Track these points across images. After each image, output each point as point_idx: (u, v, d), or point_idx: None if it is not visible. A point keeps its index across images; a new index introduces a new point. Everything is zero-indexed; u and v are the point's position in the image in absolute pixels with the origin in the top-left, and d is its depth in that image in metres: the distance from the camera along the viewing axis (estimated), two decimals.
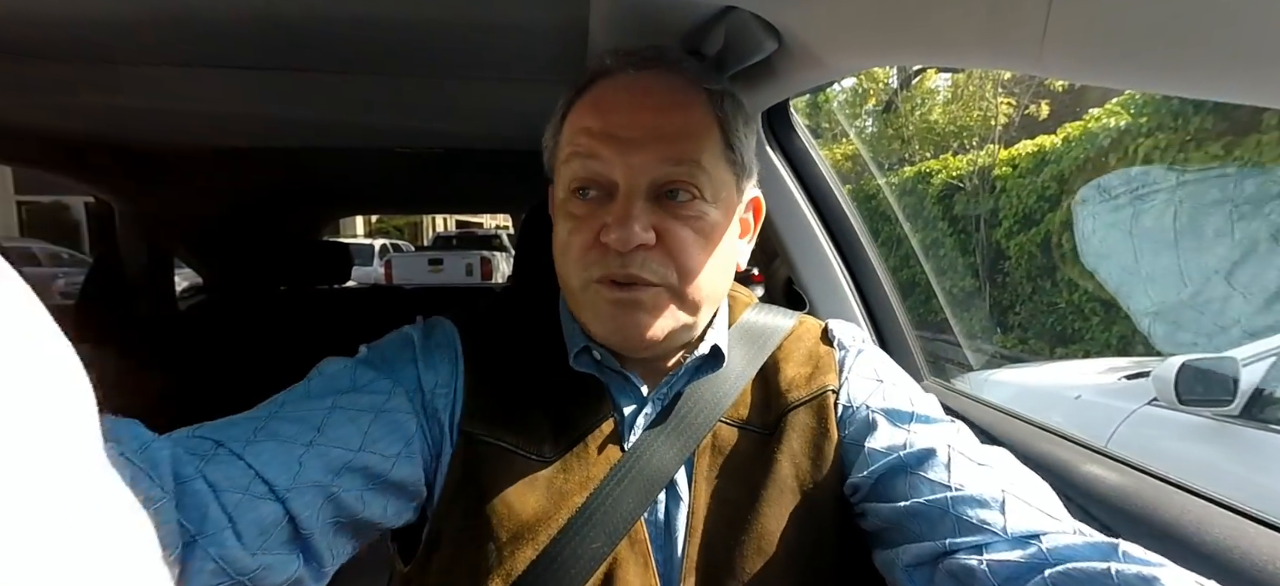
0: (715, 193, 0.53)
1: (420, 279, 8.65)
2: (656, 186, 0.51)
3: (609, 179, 0.51)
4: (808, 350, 0.61)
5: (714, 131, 0.53)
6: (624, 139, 0.51)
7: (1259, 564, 0.48)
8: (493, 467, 0.53)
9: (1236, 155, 4.15)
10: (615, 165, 0.51)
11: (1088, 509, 0.60)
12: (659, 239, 0.51)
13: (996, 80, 7.75)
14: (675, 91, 0.53)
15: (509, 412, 0.55)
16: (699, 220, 0.52)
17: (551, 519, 0.52)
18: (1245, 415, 2.07)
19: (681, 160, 0.51)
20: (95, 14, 0.75)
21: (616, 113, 0.52)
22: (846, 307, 1.04)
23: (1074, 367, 3.34)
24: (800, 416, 0.57)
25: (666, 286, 0.52)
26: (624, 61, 0.54)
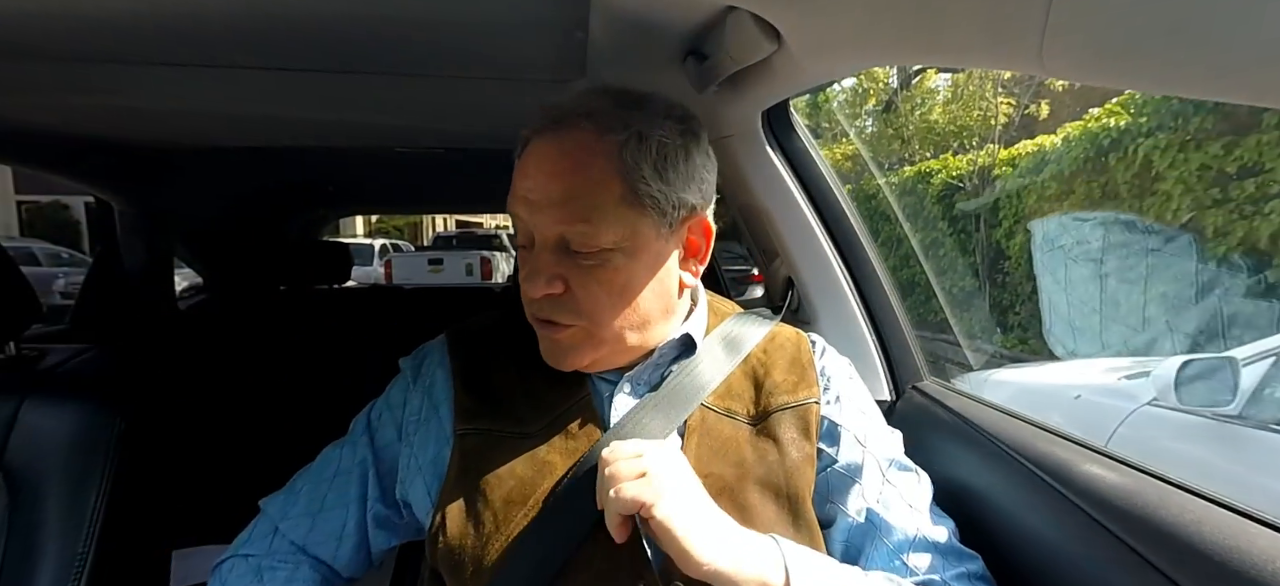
0: (619, 240, 0.58)
1: (420, 279, 8.65)
2: (560, 241, 0.59)
3: (528, 234, 0.61)
4: (792, 358, 0.69)
5: (613, 183, 0.57)
6: (531, 201, 0.59)
7: (1259, 564, 0.48)
8: (483, 451, 0.62)
9: (1236, 155, 4.15)
10: (528, 223, 0.60)
11: (1088, 509, 0.60)
12: (567, 287, 0.59)
13: (996, 80, 7.75)
14: (576, 152, 0.58)
15: (495, 403, 0.65)
16: (602, 268, 0.59)
17: (538, 484, 0.60)
18: (1245, 415, 2.07)
19: (572, 220, 0.57)
20: (95, 14, 0.75)
21: (526, 178, 0.59)
22: (846, 307, 1.04)
23: (1074, 368, 3.34)
24: (787, 418, 0.65)
25: (580, 327, 0.61)
26: (543, 123, 0.60)
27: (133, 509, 0.97)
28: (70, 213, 12.42)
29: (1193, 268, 4.38)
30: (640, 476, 0.53)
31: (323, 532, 0.67)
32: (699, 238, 0.65)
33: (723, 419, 0.64)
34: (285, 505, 0.68)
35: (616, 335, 0.62)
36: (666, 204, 0.59)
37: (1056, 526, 0.63)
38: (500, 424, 0.64)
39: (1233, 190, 4.19)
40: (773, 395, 0.66)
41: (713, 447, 0.63)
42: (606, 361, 0.65)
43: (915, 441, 0.93)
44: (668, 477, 0.53)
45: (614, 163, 0.57)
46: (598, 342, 0.62)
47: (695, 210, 0.63)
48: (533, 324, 0.63)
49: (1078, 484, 0.63)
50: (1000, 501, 0.72)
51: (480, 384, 0.67)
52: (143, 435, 0.98)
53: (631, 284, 0.60)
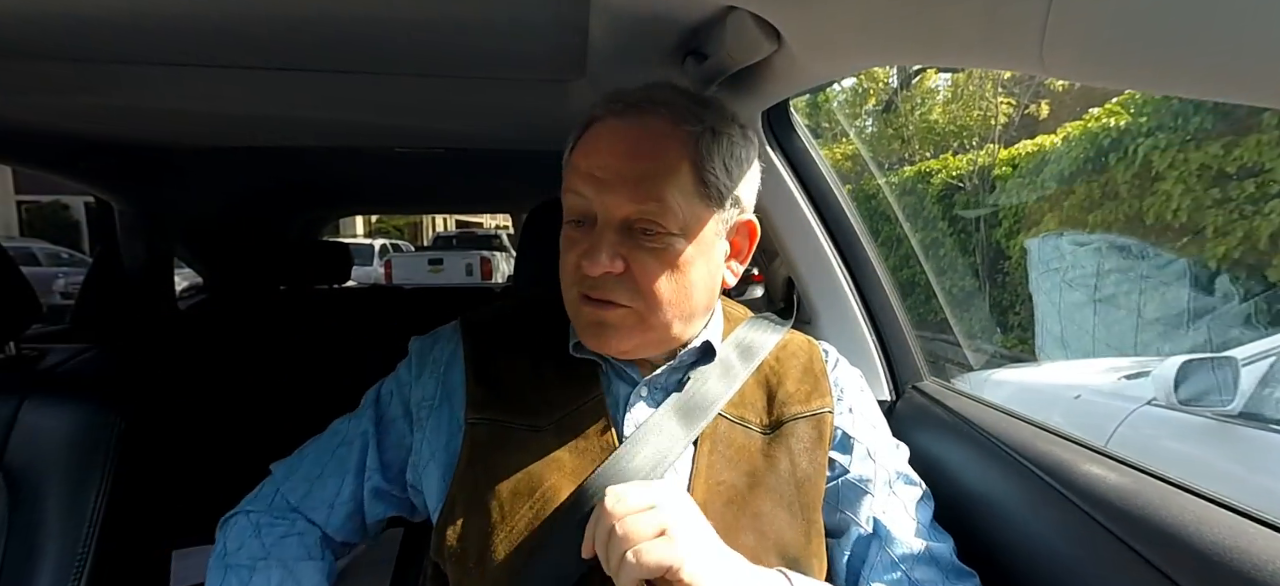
0: (684, 226, 0.59)
1: (420, 279, 8.65)
2: (627, 221, 0.59)
3: (590, 212, 0.60)
4: (804, 367, 0.70)
5: (684, 169, 0.59)
6: (599, 179, 0.59)
7: (1259, 564, 0.48)
8: (494, 442, 0.62)
9: (1236, 155, 4.15)
10: (593, 201, 0.59)
11: (1088, 509, 0.60)
12: (627, 267, 0.59)
13: (996, 80, 7.75)
14: (650, 135, 0.59)
15: (508, 394, 0.65)
16: (665, 252, 0.59)
17: (546, 478, 0.60)
18: (1245, 415, 2.07)
19: (645, 199, 0.58)
20: (95, 14, 0.75)
21: (597, 156, 0.60)
22: (846, 307, 1.04)
23: (1074, 367, 3.34)
24: (801, 427, 0.65)
25: (633, 309, 0.60)
26: (612, 106, 0.61)
27: (133, 509, 0.97)
28: (70, 213, 12.41)
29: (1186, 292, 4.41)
30: (660, 534, 0.50)
31: (318, 497, 0.69)
32: (743, 239, 0.67)
33: (736, 427, 0.65)
34: (289, 468, 0.72)
35: (664, 322, 0.61)
36: (728, 198, 0.61)
37: (1056, 526, 0.63)
38: (511, 416, 0.64)
39: (1233, 190, 4.19)
40: (786, 405, 0.66)
41: (726, 456, 0.63)
42: (643, 349, 0.64)
43: (915, 441, 0.93)
44: (688, 530, 0.52)
45: (689, 151, 0.59)
46: (646, 327, 0.61)
47: (744, 211, 0.65)
48: (576, 305, 0.62)
49: (1078, 484, 0.63)
50: (1000, 501, 0.72)
51: (492, 374, 0.66)
52: (143, 435, 0.98)
53: (688, 271, 0.61)
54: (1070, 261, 5.29)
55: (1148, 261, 4.71)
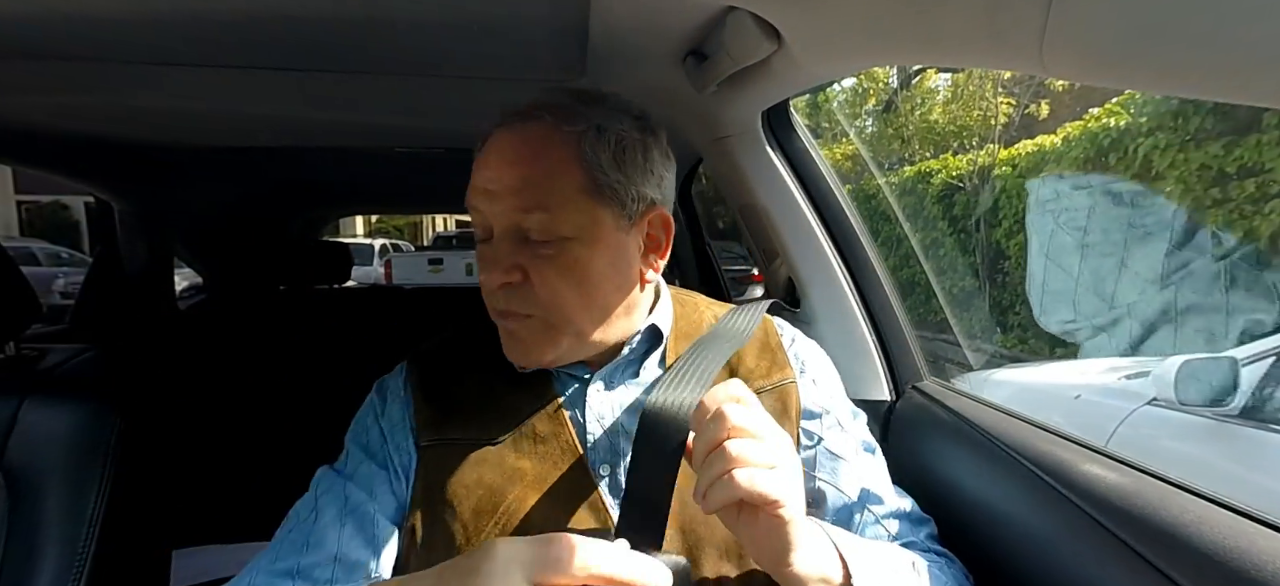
0: (579, 229, 0.58)
1: (420, 279, 8.65)
2: (519, 230, 0.58)
3: (486, 226, 0.60)
4: (762, 343, 0.70)
5: (573, 171, 0.58)
6: (489, 191, 0.58)
7: (1259, 563, 0.48)
8: (448, 461, 0.61)
9: (1236, 155, 4.15)
10: (486, 214, 0.59)
11: (1088, 509, 0.60)
12: (525, 276, 0.58)
13: (996, 80, 7.75)
14: (532, 141, 0.58)
15: (458, 412, 0.64)
16: (561, 257, 0.58)
17: (508, 491, 0.59)
18: (1245, 415, 2.07)
19: (531, 207, 0.57)
20: (95, 14, 0.75)
21: (485, 169, 0.59)
22: (846, 307, 1.04)
23: (1074, 367, 3.34)
24: (765, 401, 0.63)
25: (537, 318, 0.59)
26: (504, 119, 0.60)
27: (133, 509, 0.97)
28: (70, 213, 12.42)
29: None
30: (771, 468, 0.47)
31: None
32: (659, 232, 0.65)
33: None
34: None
35: (576, 328, 0.60)
36: (626, 196, 0.60)
37: (1056, 526, 0.63)
38: (465, 432, 0.62)
39: (1233, 190, 4.20)
40: (748, 381, 0.66)
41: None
42: (568, 356, 0.63)
43: (915, 441, 0.93)
44: (794, 474, 0.49)
45: (573, 151, 0.58)
46: (557, 335, 0.60)
47: (655, 204, 0.63)
48: (494, 319, 0.62)
49: (1078, 484, 0.63)
50: (1000, 501, 0.72)
51: (441, 396, 0.65)
52: (142, 435, 0.99)
53: (590, 274, 0.59)
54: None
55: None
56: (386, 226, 17.06)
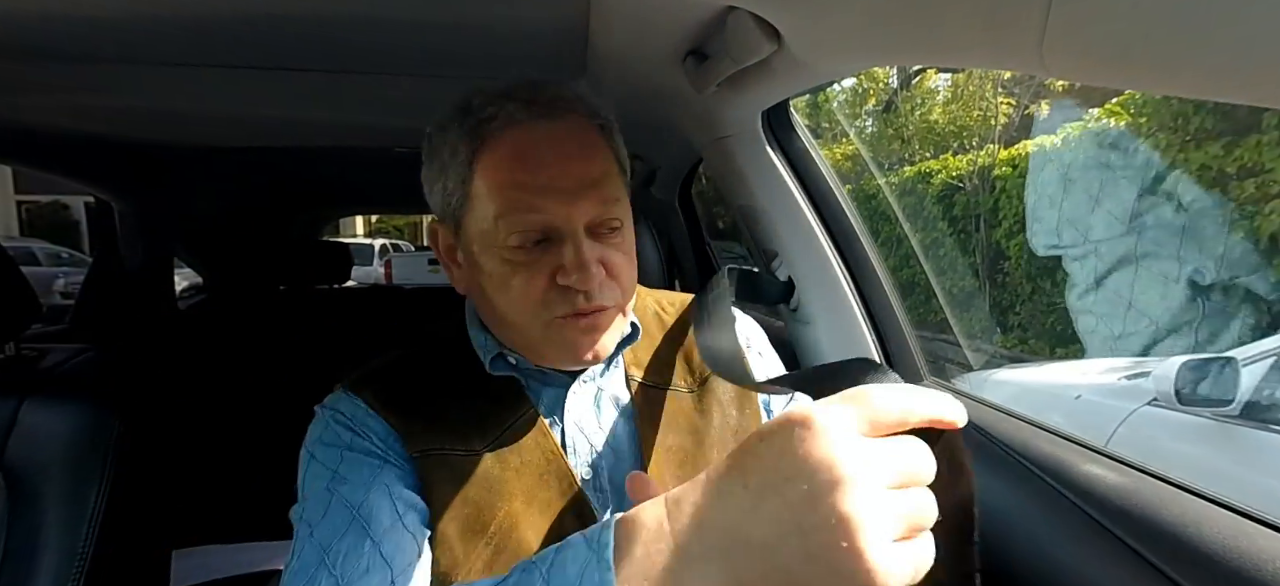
0: (626, 218, 0.60)
1: (420, 279, 8.66)
2: (593, 224, 0.57)
3: (554, 226, 0.56)
4: None
5: (615, 164, 0.59)
6: (564, 189, 0.55)
7: (1259, 563, 0.48)
8: (438, 472, 0.58)
9: (1236, 155, 4.15)
10: (558, 214, 0.55)
11: (1088, 509, 0.60)
12: (606, 269, 0.58)
13: (996, 80, 7.75)
14: (587, 136, 0.58)
15: (433, 422, 0.59)
16: (624, 242, 0.60)
17: (495, 509, 0.57)
18: (1245, 415, 2.07)
19: (608, 200, 0.57)
20: (95, 14, 0.75)
21: (548, 165, 0.55)
22: (846, 307, 1.04)
23: (1074, 367, 3.34)
24: (721, 385, 0.66)
25: (615, 307, 0.59)
26: (532, 111, 0.56)
27: (133, 509, 0.97)
28: (70, 213, 12.42)
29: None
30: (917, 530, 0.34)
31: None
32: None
33: (665, 393, 0.66)
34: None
35: (627, 310, 0.62)
36: (628, 187, 0.62)
37: (1056, 526, 0.63)
38: (445, 442, 0.58)
39: (1233, 190, 4.20)
40: (702, 368, 0.67)
41: (665, 422, 0.64)
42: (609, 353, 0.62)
43: None
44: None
45: (609, 142, 0.59)
46: (623, 317, 0.62)
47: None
48: (548, 329, 0.57)
49: (1078, 484, 0.63)
50: (1000, 501, 0.72)
51: (410, 411, 0.59)
52: (142, 435, 0.99)
53: (634, 256, 0.62)
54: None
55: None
56: (386, 226, 17.07)
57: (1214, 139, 4.30)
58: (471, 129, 0.56)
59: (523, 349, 0.61)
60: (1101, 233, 4.95)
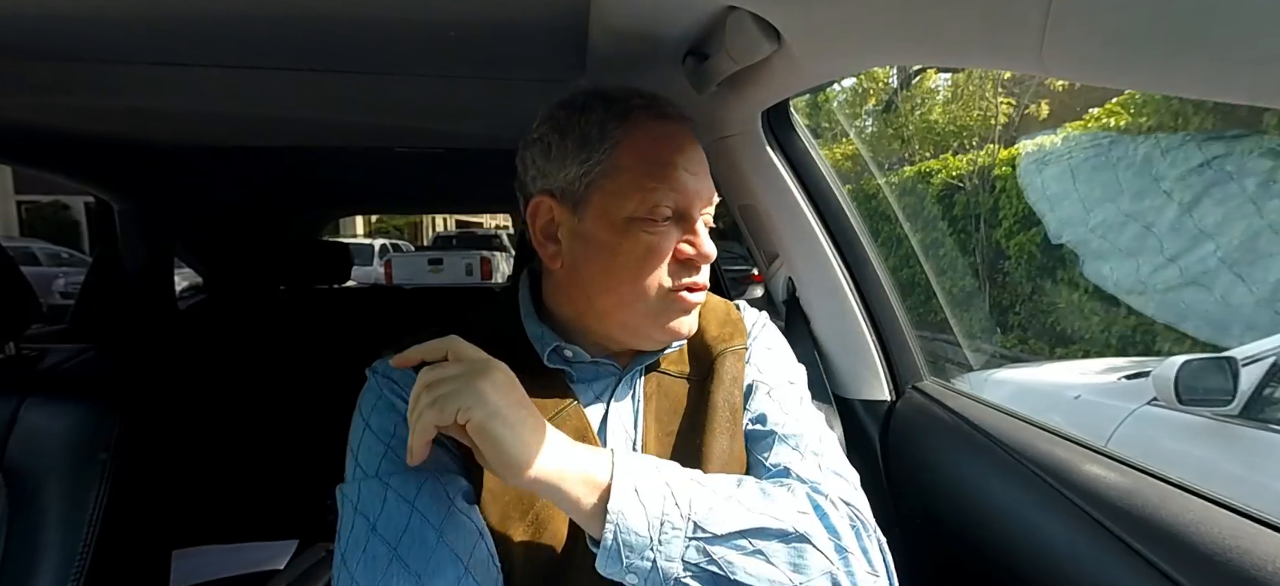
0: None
1: (420, 279, 8.65)
2: (704, 211, 0.65)
3: (686, 206, 0.63)
4: (722, 316, 0.74)
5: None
6: (695, 173, 0.63)
7: (1259, 563, 0.48)
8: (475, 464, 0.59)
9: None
10: (691, 194, 0.62)
11: (1088, 509, 0.60)
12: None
13: (996, 80, 7.75)
14: (698, 143, 0.66)
15: None
16: (710, 231, 0.66)
17: (529, 496, 0.59)
18: (1245, 415, 2.07)
19: (713, 193, 0.65)
20: (95, 14, 0.75)
21: (685, 150, 0.63)
22: (846, 307, 1.04)
23: (1074, 367, 3.34)
24: (726, 361, 0.69)
25: (704, 288, 0.66)
26: (664, 110, 0.64)
27: (133, 509, 0.97)
28: (70, 213, 12.42)
29: None
30: (453, 381, 0.51)
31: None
32: None
33: (676, 381, 0.69)
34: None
35: None
36: None
37: (1056, 526, 0.63)
38: None
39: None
40: (712, 346, 0.71)
41: (669, 408, 0.67)
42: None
43: (915, 441, 0.93)
44: (488, 387, 0.51)
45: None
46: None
47: None
48: (669, 300, 0.63)
49: (1078, 484, 0.63)
50: (1000, 501, 0.72)
51: None
52: (142, 435, 0.98)
53: None
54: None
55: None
56: (386, 226, 17.07)
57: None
58: (619, 113, 0.62)
59: (620, 332, 0.65)
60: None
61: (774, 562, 0.52)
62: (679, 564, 0.51)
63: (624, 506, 0.50)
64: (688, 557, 0.51)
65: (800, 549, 0.53)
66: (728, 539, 0.52)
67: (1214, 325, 4.31)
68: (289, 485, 1.48)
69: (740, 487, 0.56)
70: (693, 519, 0.52)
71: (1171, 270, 4.63)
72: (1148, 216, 4.81)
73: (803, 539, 0.53)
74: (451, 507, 0.57)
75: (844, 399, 1.05)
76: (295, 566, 1.13)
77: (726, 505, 0.53)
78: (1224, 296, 4.29)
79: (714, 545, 0.51)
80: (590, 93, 0.64)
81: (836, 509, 0.57)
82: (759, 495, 0.56)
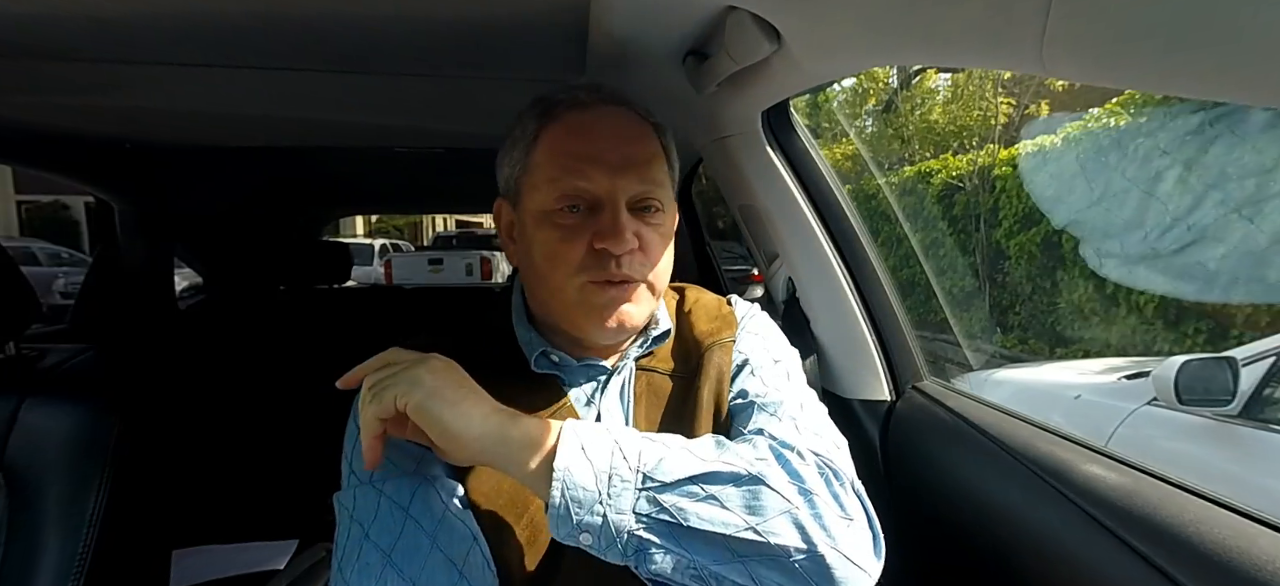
0: (666, 205, 0.65)
1: (420, 279, 8.65)
2: (634, 201, 0.62)
3: (596, 195, 0.61)
4: (712, 311, 0.74)
5: (662, 158, 0.65)
6: (610, 162, 0.61)
7: (1259, 563, 0.48)
8: (467, 467, 0.60)
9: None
10: (600, 185, 0.60)
11: (1088, 509, 0.60)
12: (640, 244, 0.62)
13: (996, 80, 7.75)
14: (637, 125, 0.64)
15: None
16: (661, 227, 0.64)
17: (526, 498, 0.59)
18: (1245, 415, 2.07)
19: (650, 181, 0.63)
20: (95, 14, 0.75)
21: (600, 140, 0.61)
22: (846, 307, 1.04)
23: (1074, 367, 3.34)
24: (713, 355, 0.69)
25: (644, 282, 0.63)
26: (585, 96, 0.64)
27: (133, 509, 0.97)
28: (70, 213, 12.41)
29: None
30: (388, 370, 0.53)
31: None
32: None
33: (665, 378, 0.69)
34: None
35: (658, 294, 0.65)
36: (673, 186, 0.67)
37: (1056, 525, 0.63)
38: None
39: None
40: (701, 341, 0.70)
41: (656, 405, 0.67)
42: (639, 325, 0.65)
43: (915, 441, 0.93)
44: (423, 371, 0.53)
45: (661, 141, 0.66)
46: (651, 299, 0.64)
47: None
48: (583, 293, 0.61)
49: (1078, 484, 0.63)
50: (1000, 501, 0.72)
51: None
52: (142, 435, 0.98)
53: (670, 247, 0.66)
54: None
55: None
56: (386, 226, 17.07)
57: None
58: (542, 111, 0.63)
59: (563, 324, 0.64)
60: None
61: (728, 506, 0.51)
62: (630, 516, 0.50)
63: (570, 462, 0.50)
64: (639, 509, 0.50)
65: (755, 490, 0.52)
66: (677, 484, 0.51)
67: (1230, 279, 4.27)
68: (289, 485, 1.48)
69: (695, 442, 0.56)
70: (642, 470, 0.51)
71: (1179, 229, 4.60)
72: (1149, 183, 4.80)
73: (757, 480, 0.52)
74: (445, 512, 0.57)
75: (844, 399, 1.05)
76: (295, 566, 1.13)
77: (678, 455, 0.53)
78: (1238, 246, 4.26)
79: (664, 492, 0.51)
80: (538, 95, 0.66)
81: (803, 458, 0.55)
82: (713, 446, 0.56)
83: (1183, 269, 4.57)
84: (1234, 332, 4.22)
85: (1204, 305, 4.46)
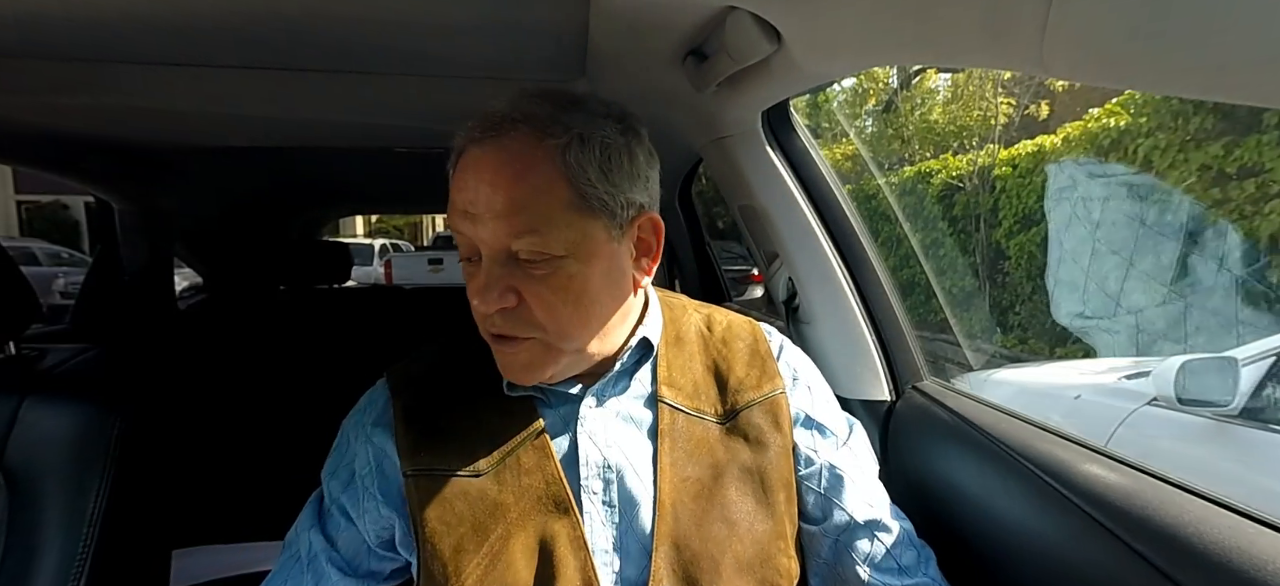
0: (571, 246, 0.55)
1: (420, 279, 8.65)
2: (508, 253, 0.55)
3: (475, 249, 0.56)
4: (751, 350, 0.70)
5: (559, 188, 0.54)
6: (473, 214, 0.54)
7: (1259, 563, 0.48)
8: (433, 492, 0.60)
9: (1236, 155, 4.15)
10: (470, 237, 0.56)
11: (1088, 509, 0.60)
12: (521, 299, 0.56)
13: (996, 80, 7.75)
14: (513, 159, 0.54)
15: (443, 441, 0.62)
16: (554, 276, 0.55)
17: (490, 529, 0.58)
18: (1245, 415, 2.07)
19: (522, 231, 0.54)
20: (94, 14, 0.75)
21: (465, 190, 0.55)
22: (846, 307, 1.04)
23: (1074, 367, 3.34)
24: (755, 414, 0.65)
25: (537, 339, 0.57)
26: (473, 133, 0.56)
27: (133, 509, 0.97)
28: (70, 213, 12.42)
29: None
30: None
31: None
32: (650, 236, 0.62)
33: (693, 420, 0.64)
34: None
35: (576, 345, 0.59)
36: (615, 205, 0.57)
37: (1056, 526, 0.63)
38: (447, 463, 0.60)
39: (1232, 190, 4.20)
40: (739, 393, 0.66)
41: (686, 450, 0.63)
42: (565, 373, 0.61)
43: (915, 441, 0.93)
44: None
45: (557, 166, 0.54)
46: (557, 354, 0.58)
47: (644, 209, 0.60)
48: (488, 341, 0.59)
49: (1078, 484, 0.63)
50: (1000, 501, 0.72)
51: (424, 423, 0.63)
52: (143, 435, 0.98)
53: (587, 290, 0.57)
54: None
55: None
56: (386, 226, 17.08)
57: (1214, 139, 4.30)
58: (459, 145, 0.58)
59: None
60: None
61: None
62: None
63: None
64: None
65: None
66: None
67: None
68: (289, 485, 1.47)
69: None
70: None
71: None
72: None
73: None
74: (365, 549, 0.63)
75: (844, 399, 1.05)
76: None
77: None
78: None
79: None
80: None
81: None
82: None
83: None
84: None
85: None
